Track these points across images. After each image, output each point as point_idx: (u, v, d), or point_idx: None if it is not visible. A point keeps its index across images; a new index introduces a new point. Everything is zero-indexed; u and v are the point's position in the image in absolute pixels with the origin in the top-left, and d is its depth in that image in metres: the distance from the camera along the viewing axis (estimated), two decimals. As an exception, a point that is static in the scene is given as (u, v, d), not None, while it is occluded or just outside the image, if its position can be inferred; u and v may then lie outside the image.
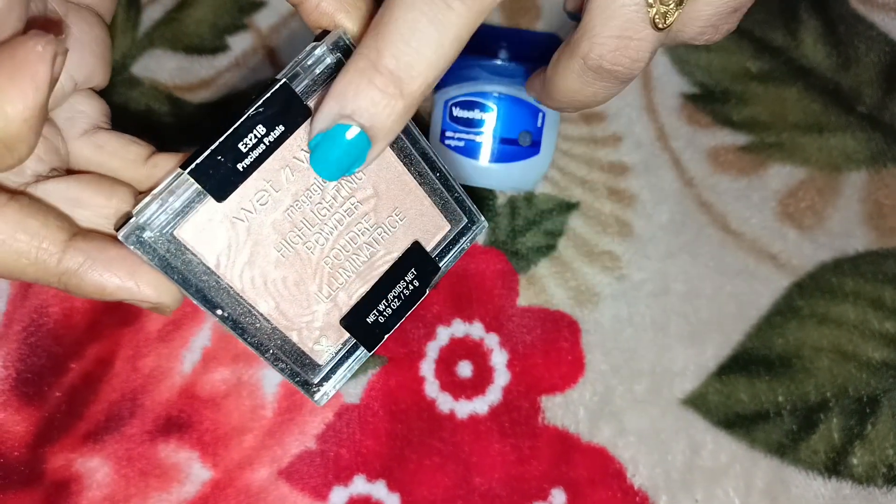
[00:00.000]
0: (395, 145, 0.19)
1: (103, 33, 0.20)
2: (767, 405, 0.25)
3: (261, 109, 0.17)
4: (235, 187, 0.17)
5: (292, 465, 0.24)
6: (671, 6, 0.16)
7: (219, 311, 0.18)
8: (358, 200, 0.19)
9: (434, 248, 0.20)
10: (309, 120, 0.18)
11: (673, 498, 0.24)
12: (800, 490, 0.24)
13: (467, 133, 0.25)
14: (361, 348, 0.20)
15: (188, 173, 0.17)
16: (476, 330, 0.26)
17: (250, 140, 0.17)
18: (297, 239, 0.19)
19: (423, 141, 0.19)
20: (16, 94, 0.15)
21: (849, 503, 0.24)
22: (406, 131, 0.19)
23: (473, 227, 0.21)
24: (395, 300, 0.20)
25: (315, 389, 0.19)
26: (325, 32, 0.18)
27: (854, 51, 0.29)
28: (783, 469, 0.25)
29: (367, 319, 0.20)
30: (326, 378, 0.20)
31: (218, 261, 0.18)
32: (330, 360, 0.20)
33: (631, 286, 0.26)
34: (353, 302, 0.19)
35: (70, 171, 0.19)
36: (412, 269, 0.20)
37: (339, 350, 0.20)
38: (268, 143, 0.17)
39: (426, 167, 0.19)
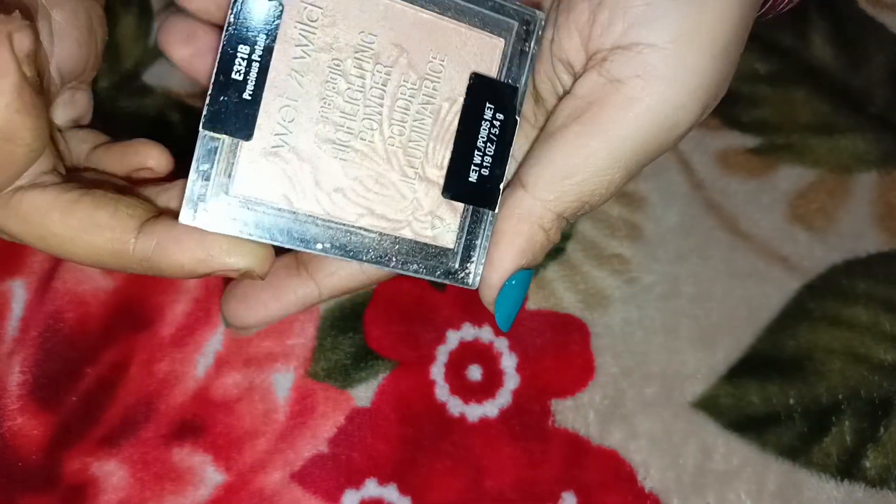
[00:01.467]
0: None
1: (89, 20, 0.19)
2: (779, 408, 0.25)
3: (233, 30, 0.16)
4: (255, 118, 0.16)
5: (305, 468, 0.24)
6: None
7: (318, 246, 0.17)
8: (386, 66, 0.17)
9: (500, 70, 0.18)
10: (290, 11, 0.16)
11: (685, 501, 0.24)
12: (812, 493, 0.24)
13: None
14: (484, 211, 0.18)
15: (203, 129, 0.16)
16: (486, 334, 0.26)
17: (239, 65, 0.16)
18: (348, 136, 0.17)
19: None
20: None
21: (862, 506, 0.24)
22: None
23: (531, 26, 0.18)
24: (489, 144, 0.18)
25: (462, 275, 0.18)
26: None
27: (863, 51, 0.29)
28: (795, 472, 0.24)
29: (471, 179, 0.18)
30: (466, 258, 0.18)
31: (286, 198, 0.17)
32: (458, 239, 0.18)
33: (641, 289, 0.26)
34: (444, 170, 0.18)
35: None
36: (488, 104, 0.18)
37: (462, 224, 0.18)
38: (259, 59, 0.16)
39: None
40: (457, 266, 0.18)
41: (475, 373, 0.26)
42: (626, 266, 0.27)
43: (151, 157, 0.20)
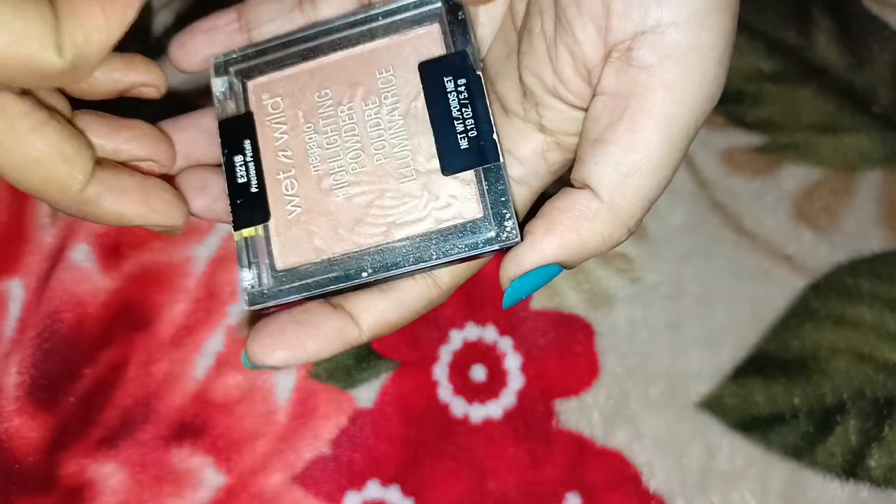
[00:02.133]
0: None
1: None
2: (784, 408, 0.25)
3: (226, 151, 0.20)
4: (266, 203, 0.19)
5: (306, 470, 0.24)
6: None
7: (363, 275, 0.18)
8: (348, 104, 0.19)
9: (447, 48, 0.19)
10: (258, 114, 0.20)
11: (689, 502, 0.24)
12: (817, 493, 0.24)
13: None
14: (494, 167, 0.18)
15: (235, 231, 0.19)
16: (489, 333, 0.26)
17: (240, 171, 0.19)
18: (343, 174, 0.19)
19: None
20: (102, 23, 0.15)
21: (867, 507, 0.24)
22: None
23: None
24: (465, 109, 0.18)
25: (504, 235, 0.18)
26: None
27: (868, 50, 0.29)
28: (800, 472, 0.24)
29: (462, 147, 0.18)
30: (500, 217, 0.18)
31: (319, 250, 0.19)
32: (483, 205, 0.18)
33: (645, 288, 0.26)
34: (433, 154, 0.18)
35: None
36: (445, 79, 0.18)
37: (480, 190, 0.18)
38: (251, 159, 0.19)
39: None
40: (495, 229, 0.18)
41: (479, 373, 0.25)
42: (630, 265, 0.26)
43: (148, 74, 0.20)
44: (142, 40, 0.29)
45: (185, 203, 0.20)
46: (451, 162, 0.18)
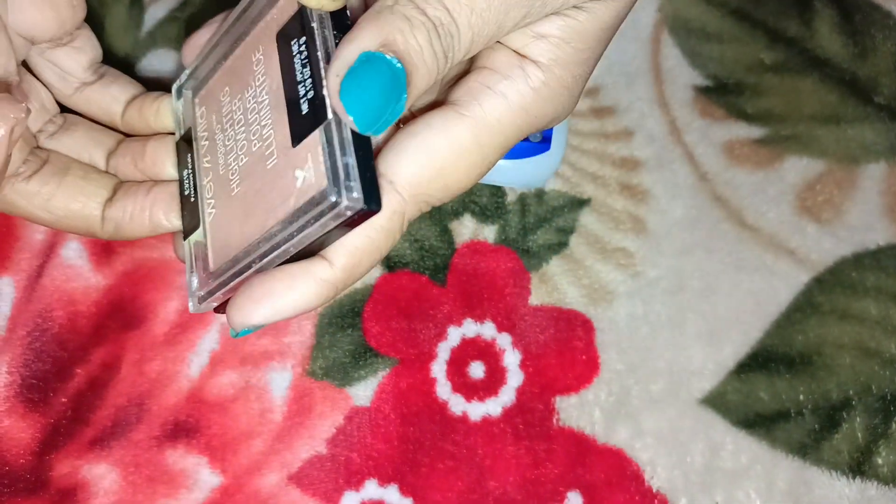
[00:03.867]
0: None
1: None
2: (788, 404, 0.25)
3: (178, 161, 0.21)
4: (199, 209, 0.20)
5: (302, 469, 0.24)
6: None
7: (258, 264, 0.17)
8: (238, 98, 0.19)
9: (299, 11, 0.17)
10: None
11: (692, 500, 0.24)
12: (823, 491, 0.24)
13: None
14: (325, 124, 0.16)
15: (184, 241, 0.20)
16: (488, 330, 0.25)
17: (186, 182, 0.20)
18: (237, 164, 0.18)
19: None
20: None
21: (874, 504, 0.24)
22: None
23: None
24: (304, 69, 0.16)
25: (347, 203, 0.15)
26: None
27: (870, 40, 0.29)
28: (806, 469, 0.24)
29: (303, 112, 0.16)
30: (337, 180, 0.15)
31: (238, 243, 0.18)
32: (327, 171, 0.15)
33: (646, 283, 0.26)
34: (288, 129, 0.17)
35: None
36: (293, 42, 0.17)
37: (325, 157, 0.15)
38: (191, 169, 0.20)
39: None
40: (337, 192, 0.15)
41: (477, 370, 0.25)
42: (630, 260, 0.26)
43: None
44: (133, 34, 0.29)
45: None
46: (295, 128, 0.16)
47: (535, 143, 0.25)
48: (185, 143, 0.20)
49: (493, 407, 0.25)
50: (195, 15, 0.29)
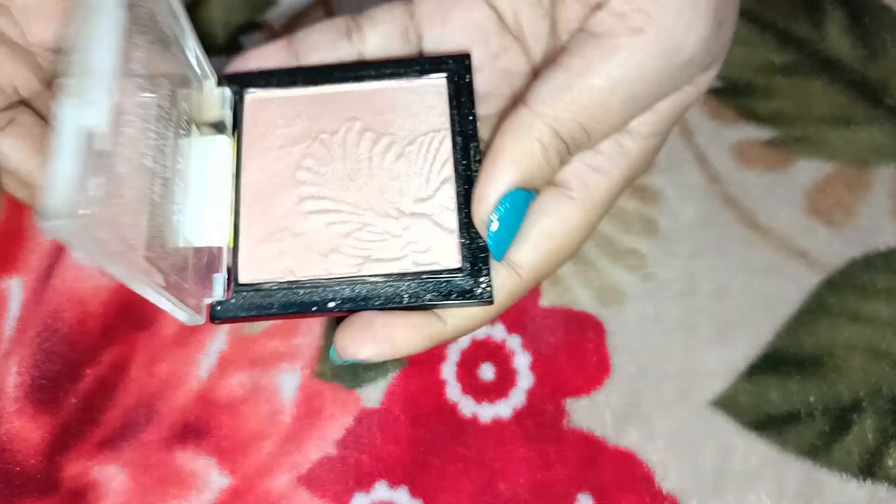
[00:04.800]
0: None
1: None
2: (799, 406, 0.25)
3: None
4: (239, 213, 0.20)
5: (312, 471, 0.24)
6: None
7: (330, 305, 0.18)
8: (341, 135, 0.20)
9: (448, 102, 0.20)
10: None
11: (703, 502, 0.24)
12: (834, 493, 0.24)
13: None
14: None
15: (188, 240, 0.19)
16: (498, 332, 0.25)
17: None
18: (326, 201, 0.19)
19: None
20: None
21: (886, 507, 0.23)
22: None
23: (465, 62, 0.20)
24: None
25: (479, 290, 0.18)
26: None
27: (881, 42, 0.29)
28: (816, 472, 0.24)
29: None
30: (477, 272, 0.18)
31: (284, 268, 0.19)
32: (464, 256, 0.19)
33: (657, 285, 0.26)
34: (420, 198, 0.19)
35: None
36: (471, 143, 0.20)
37: (459, 240, 0.19)
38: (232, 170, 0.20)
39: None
40: (470, 282, 0.18)
41: (487, 372, 0.25)
42: (641, 262, 0.26)
43: None
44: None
45: None
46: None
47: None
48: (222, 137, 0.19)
49: (503, 409, 0.25)
50: (203, 16, 0.29)
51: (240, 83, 0.20)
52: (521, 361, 0.25)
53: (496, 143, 0.18)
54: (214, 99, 0.20)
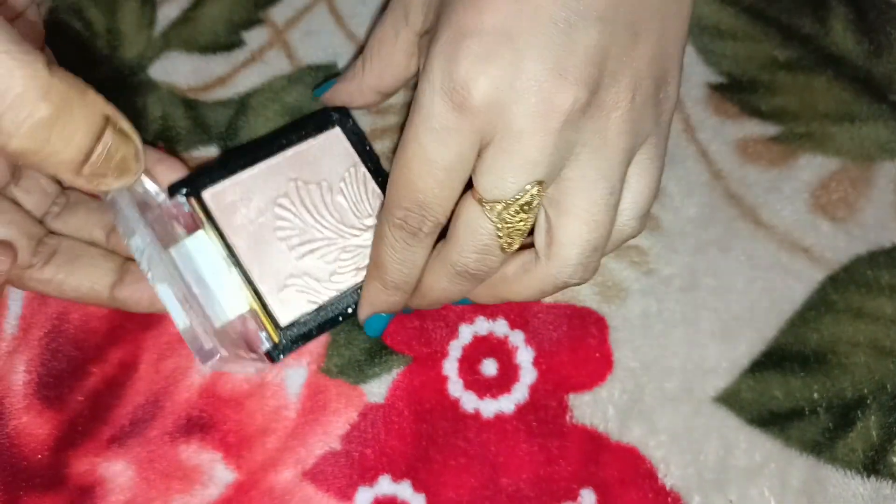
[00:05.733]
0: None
1: None
2: (802, 402, 0.25)
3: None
4: (249, 279, 0.24)
5: (317, 465, 0.24)
6: (514, 239, 0.20)
7: (349, 310, 0.24)
8: (292, 194, 0.25)
9: (349, 141, 0.25)
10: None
11: (706, 498, 0.24)
12: (837, 490, 0.24)
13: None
14: None
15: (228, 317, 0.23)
16: (500, 327, 0.25)
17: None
18: (311, 244, 0.25)
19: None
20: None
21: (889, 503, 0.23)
22: None
23: (344, 114, 0.26)
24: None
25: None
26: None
27: (885, 38, 0.28)
28: (820, 468, 0.24)
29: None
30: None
31: (309, 301, 0.24)
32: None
33: (659, 281, 0.26)
34: (370, 213, 0.25)
35: None
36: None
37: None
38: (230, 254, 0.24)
39: None
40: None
41: (490, 367, 0.25)
42: (644, 258, 0.26)
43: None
44: (145, 34, 0.29)
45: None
46: None
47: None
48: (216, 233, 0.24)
49: (506, 404, 0.25)
50: (207, 13, 0.29)
51: (189, 187, 0.24)
52: (524, 357, 0.25)
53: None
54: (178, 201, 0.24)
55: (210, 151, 0.27)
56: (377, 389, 0.25)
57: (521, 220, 0.20)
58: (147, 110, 0.28)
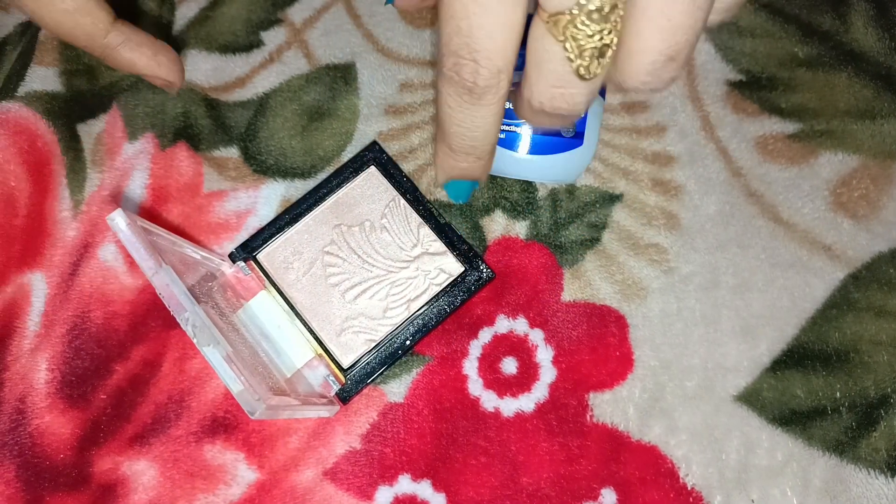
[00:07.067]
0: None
1: None
2: (824, 401, 0.24)
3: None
4: (312, 330, 0.25)
5: (337, 465, 0.24)
6: (590, 60, 0.17)
7: (408, 343, 0.25)
8: (337, 240, 0.26)
9: (385, 176, 0.27)
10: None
11: (727, 498, 0.24)
12: (860, 489, 0.24)
13: (506, 124, 0.25)
14: (441, 224, 0.26)
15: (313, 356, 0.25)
16: (520, 326, 0.25)
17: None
18: (360, 286, 0.26)
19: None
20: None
21: (913, 502, 0.23)
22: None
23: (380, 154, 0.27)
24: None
25: (485, 275, 0.25)
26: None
27: (906, 33, 0.28)
28: (842, 467, 0.24)
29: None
30: (472, 263, 0.26)
31: (370, 341, 0.25)
32: (457, 258, 0.26)
33: (679, 279, 0.26)
34: (414, 243, 0.26)
35: None
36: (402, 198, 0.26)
37: (449, 250, 0.26)
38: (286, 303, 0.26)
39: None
40: (475, 274, 0.25)
41: (510, 366, 0.25)
42: (663, 256, 0.26)
43: (169, 73, 0.26)
44: (164, 33, 0.29)
45: (183, 66, 0.26)
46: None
47: (567, 139, 0.25)
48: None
49: (525, 403, 0.25)
50: (225, 13, 0.29)
51: (246, 252, 0.25)
52: (544, 356, 0.25)
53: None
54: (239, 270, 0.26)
55: (231, 152, 0.27)
56: (397, 389, 0.25)
57: (593, 34, 0.16)
58: (166, 105, 0.28)
